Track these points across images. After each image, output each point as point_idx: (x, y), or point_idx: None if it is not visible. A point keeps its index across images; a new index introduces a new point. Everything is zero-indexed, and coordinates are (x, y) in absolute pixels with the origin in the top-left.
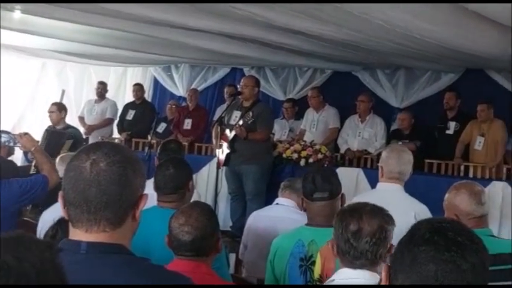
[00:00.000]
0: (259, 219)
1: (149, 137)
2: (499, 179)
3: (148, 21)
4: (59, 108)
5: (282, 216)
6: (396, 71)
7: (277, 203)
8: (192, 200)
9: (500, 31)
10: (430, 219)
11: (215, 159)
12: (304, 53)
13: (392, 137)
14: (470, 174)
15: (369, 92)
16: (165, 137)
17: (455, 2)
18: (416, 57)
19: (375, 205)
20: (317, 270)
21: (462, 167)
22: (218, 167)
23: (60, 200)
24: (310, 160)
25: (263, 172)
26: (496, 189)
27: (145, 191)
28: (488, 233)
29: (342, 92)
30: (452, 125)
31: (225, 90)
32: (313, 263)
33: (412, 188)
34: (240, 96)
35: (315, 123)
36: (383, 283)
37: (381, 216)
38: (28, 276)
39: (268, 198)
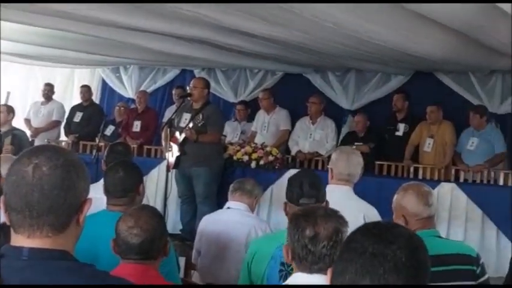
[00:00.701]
0: (212, 223)
1: (97, 140)
2: (448, 180)
3: (96, 22)
4: (8, 110)
5: (234, 220)
6: (347, 73)
7: (228, 207)
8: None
9: (448, 34)
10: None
11: (165, 162)
12: (255, 54)
13: (347, 139)
14: (420, 176)
15: (319, 94)
16: (113, 140)
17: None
18: (366, 59)
19: (328, 208)
20: None
21: (412, 169)
22: (168, 170)
23: (1, 205)
24: (261, 162)
25: (214, 174)
26: (445, 191)
27: (94, 195)
28: (435, 233)
29: (293, 94)
30: (401, 126)
31: (174, 91)
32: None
33: (363, 190)
34: (189, 98)
35: (266, 125)
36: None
37: (335, 219)
38: None
39: (219, 201)
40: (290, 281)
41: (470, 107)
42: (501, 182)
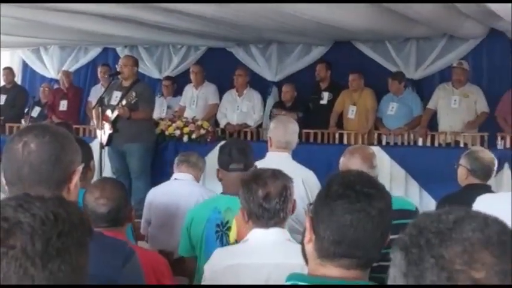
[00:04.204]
0: (160, 195)
1: (23, 122)
2: (371, 144)
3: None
4: None
5: (182, 190)
6: (269, 46)
7: (175, 178)
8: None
9: (366, 5)
10: (341, 174)
11: (96, 140)
12: (177, 30)
13: (275, 109)
14: (345, 141)
15: (244, 67)
16: (40, 121)
17: None
18: (287, 31)
19: (273, 169)
20: (232, 235)
21: (337, 135)
22: (101, 147)
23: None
24: (193, 136)
25: (147, 150)
26: None
27: None
28: None
29: (218, 68)
30: (325, 95)
31: (100, 69)
32: (229, 228)
33: (295, 156)
34: (119, 76)
35: (195, 100)
36: (307, 233)
37: (282, 178)
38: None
39: (153, 176)
40: (249, 236)
41: (388, 74)
42: (420, 143)
